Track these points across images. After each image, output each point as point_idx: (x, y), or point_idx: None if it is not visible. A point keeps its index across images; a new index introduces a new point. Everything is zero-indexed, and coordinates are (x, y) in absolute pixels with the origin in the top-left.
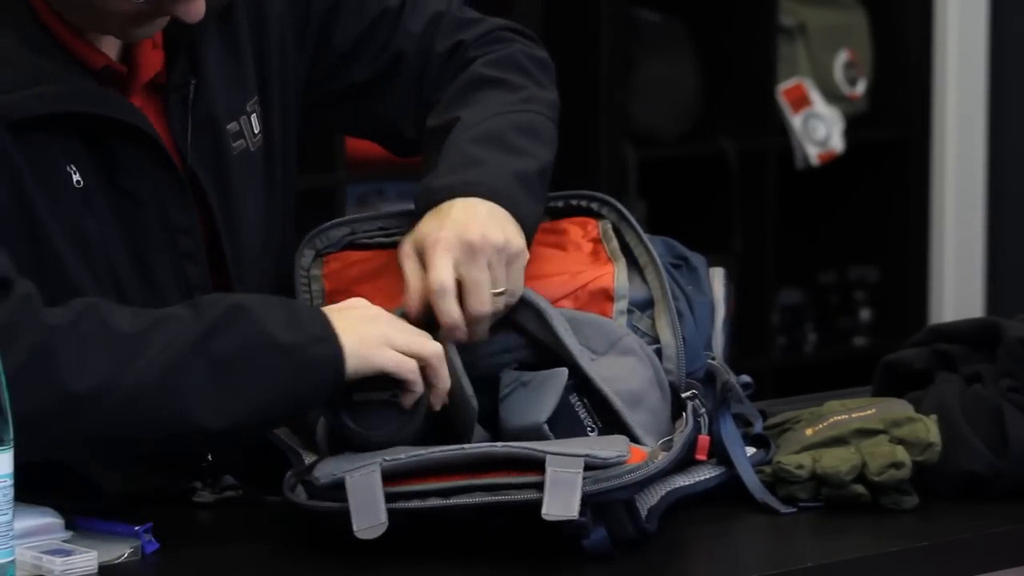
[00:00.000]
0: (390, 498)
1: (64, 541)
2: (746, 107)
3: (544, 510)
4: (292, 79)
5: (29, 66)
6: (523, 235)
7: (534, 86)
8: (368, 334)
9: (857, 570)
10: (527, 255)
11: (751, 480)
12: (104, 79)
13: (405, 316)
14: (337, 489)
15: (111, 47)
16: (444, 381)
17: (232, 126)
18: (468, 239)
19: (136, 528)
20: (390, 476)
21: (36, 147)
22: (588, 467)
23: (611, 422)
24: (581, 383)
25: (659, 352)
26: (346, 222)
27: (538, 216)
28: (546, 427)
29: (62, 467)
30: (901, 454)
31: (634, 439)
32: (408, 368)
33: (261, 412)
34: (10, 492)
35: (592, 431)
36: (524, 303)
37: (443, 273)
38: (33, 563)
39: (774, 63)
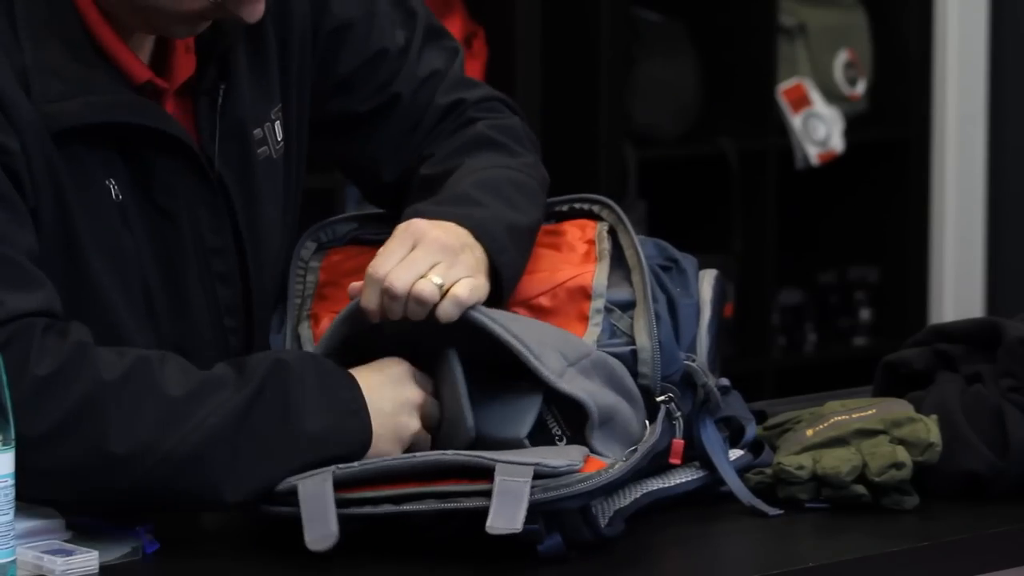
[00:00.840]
0: (344, 504)
1: (65, 541)
2: (746, 107)
3: (488, 523)
4: (306, 88)
5: (76, 77)
6: (487, 284)
7: (534, 158)
8: (397, 425)
9: (857, 570)
10: (479, 292)
11: (734, 482)
12: (146, 94)
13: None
14: (292, 495)
15: (145, 52)
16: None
17: (257, 132)
18: (436, 236)
19: (137, 528)
20: (344, 483)
21: (78, 159)
22: (539, 476)
23: (579, 429)
24: (550, 391)
25: (635, 354)
26: (353, 218)
27: (518, 270)
28: (527, 441)
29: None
30: (902, 454)
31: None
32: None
33: (276, 483)
34: (11, 492)
35: (560, 440)
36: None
37: (382, 261)
38: (34, 563)
39: (774, 63)
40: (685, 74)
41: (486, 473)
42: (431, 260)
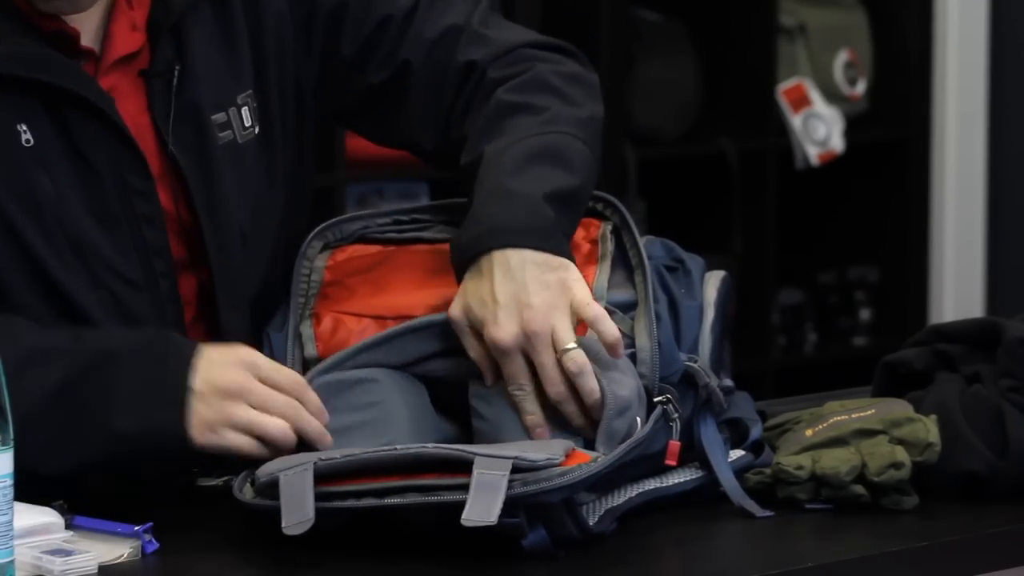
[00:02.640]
0: (326, 497)
1: (64, 541)
2: (746, 107)
3: (464, 515)
4: (293, 75)
5: None
6: (558, 259)
7: (560, 104)
8: (214, 416)
9: (857, 570)
10: (576, 274)
11: (729, 483)
12: (59, 45)
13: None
14: (273, 487)
15: (89, 27)
16: (310, 431)
17: (219, 116)
18: (525, 329)
19: (136, 528)
20: (326, 476)
21: None
22: (518, 469)
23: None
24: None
25: (635, 356)
26: (361, 216)
27: (565, 234)
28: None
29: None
30: (901, 454)
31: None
32: (249, 450)
33: (93, 468)
34: (10, 492)
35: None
36: None
37: (511, 376)
38: (33, 563)
39: (774, 63)
40: (685, 74)
41: (467, 466)
42: (548, 345)
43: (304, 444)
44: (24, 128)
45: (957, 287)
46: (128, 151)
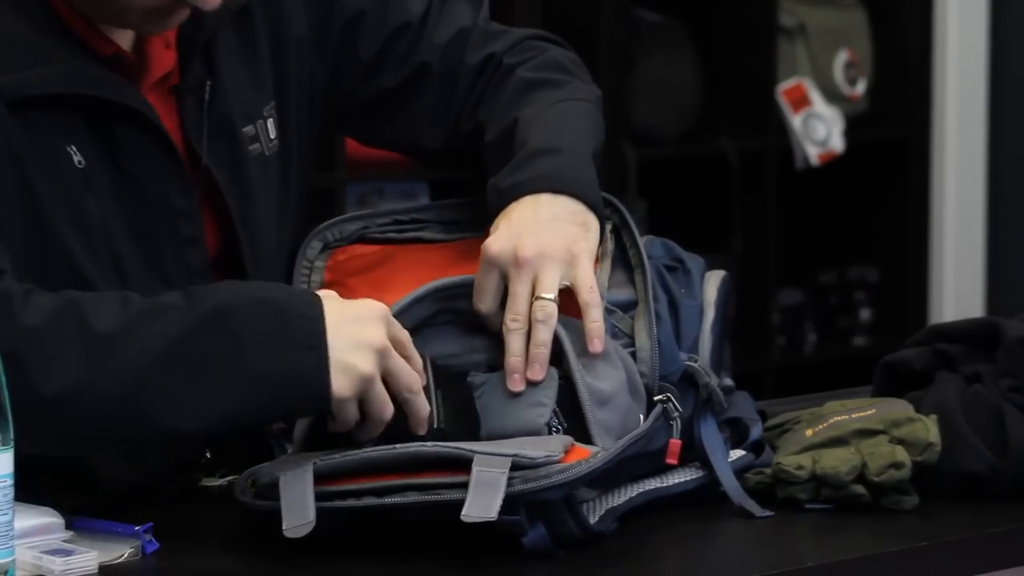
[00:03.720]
0: (327, 497)
1: (64, 541)
2: (746, 107)
3: (464, 511)
4: (309, 85)
5: (35, 47)
6: (595, 222)
7: (578, 81)
8: (357, 361)
9: (857, 570)
10: (590, 245)
11: (729, 483)
12: (113, 67)
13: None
14: (274, 488)
15: (123, 43)
16: (418, 413)
17: (248, 129)
18: (514, 254)
19: (136, 528)
20: (326, 476)
21: (37, 127)
22: (518, 467)
23: (577, 422)
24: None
25: (635, 355)
26: (361, 216)
27: (599, 192)
28: (546, 429)
29: (61, 461)
30: (901, 454)
31: (589, 439)
32: (346, 426)
33: (234, 419)
34: (10, 492)
35: (557, 431)
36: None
37: (479, 298)
38: (33, 563)
39: (774, 63)
40: (685, 74)
41: (467, 465)
42: (528, 280)
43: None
44: (74, 150)
45: (957, 287)
46: (174, 171)
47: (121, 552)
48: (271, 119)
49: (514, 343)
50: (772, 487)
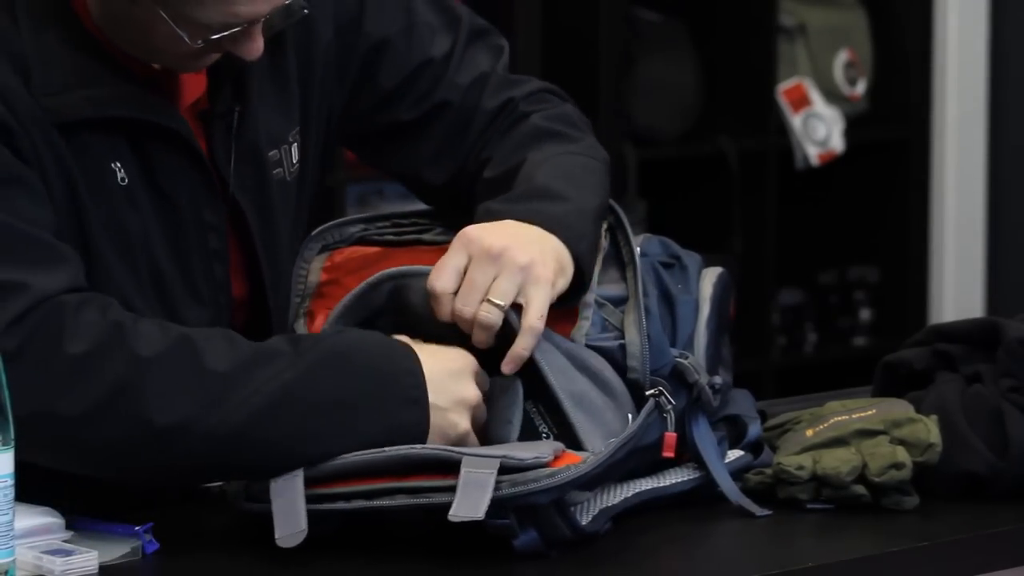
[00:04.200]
0: (317, 499)
1: (64, 541)
2: (746, 107)
3: (451, 511)
4: (328, 109)
5: (76, 68)
6: (571, 269)
7: (591, 139)
8: (452, 431)
9: (857, 570)
10: (556, 287)
11: (725, 482)
12: (149, 88)
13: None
14: (267, 492)
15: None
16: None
17: (273, 154)
18: (486, 242)
19: (136, 528)
20: (316, 479)
21: (83, 145)
22: (506, 469)
23: (566, 426)
24: (532, 387)
25: (624, 349)
26: (361, 219)
27: (595, 252)
28: (517, 442)
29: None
30: (901, 455)
31: (578, 443)
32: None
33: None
34: (10, 492)
35: (547, 436)
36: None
37: (439, 275)
38: (33, 563)
39: (774, 63)
40: (685, 74)
41: (455, 467)
42: (490, 273)
43: None
44: (118, 167)
45: (957, 287)
46: (206, 186)
47: (121, 552)
48: (295, 144)
49: (461, 326)
50: (773, 487)
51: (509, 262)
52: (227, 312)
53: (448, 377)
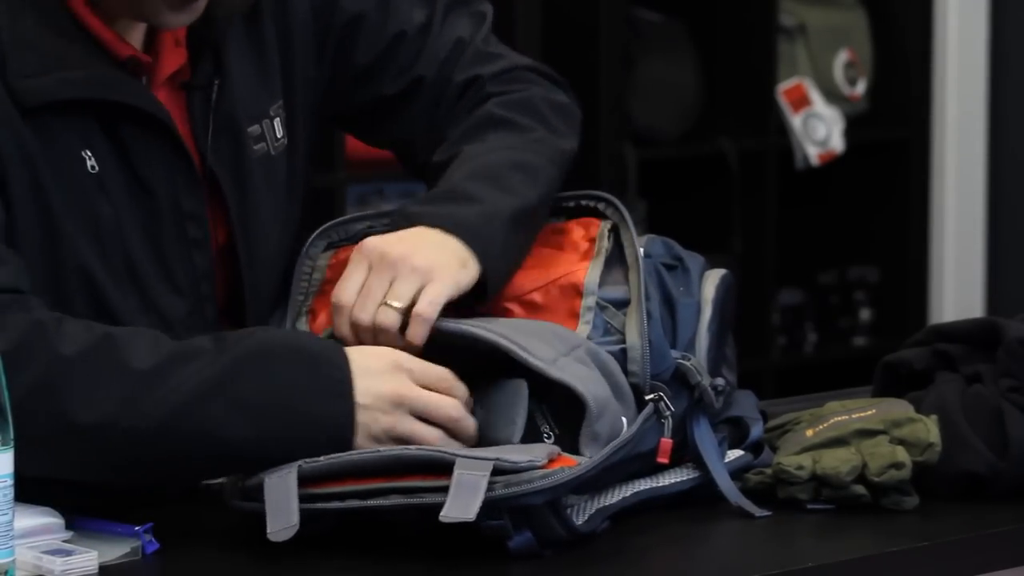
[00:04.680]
0: (311, 499)
1: (64, 541)
2: (746, 107)
3: (443, 512)
4: (313, 85)
5: (52, 51)
6: (475, 267)
7: (546, 131)
8: (378, 429)
9: (857, 570)
10: (454, 290)
11: (724, 482)
12: (128, 70)
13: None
14: (260, 490)
15: (135, 41)
16: (466, 432)
17: (254, 129)
18: (383, 250)
19: (136, 528)
20: (310, 478)
21: (51, 132)
22: (500, 471)
23: (568, 427)
24: (538, 388)
25: (625, 352)
26: (365, 216)
27: (516, 254)
28: (513, 445)
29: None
30: (901, 454)
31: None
32: (431, 439)
33: (259, 458)
34: (10, 492)
35: (549, 438)
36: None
37: (343, 287)
38: (33, 563)
39: (774, 63)
40: (685, 74)
41: (449, 468)
42: (386, 280)
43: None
44: (89, 154)
45: (957, 287)
46: (185, 173)
47: (121, 552)
48: (278, 118)
49: (362, 335)
50: (772, 487)
51: (405, 266)
52: (211, 301)
53: (373, 374)
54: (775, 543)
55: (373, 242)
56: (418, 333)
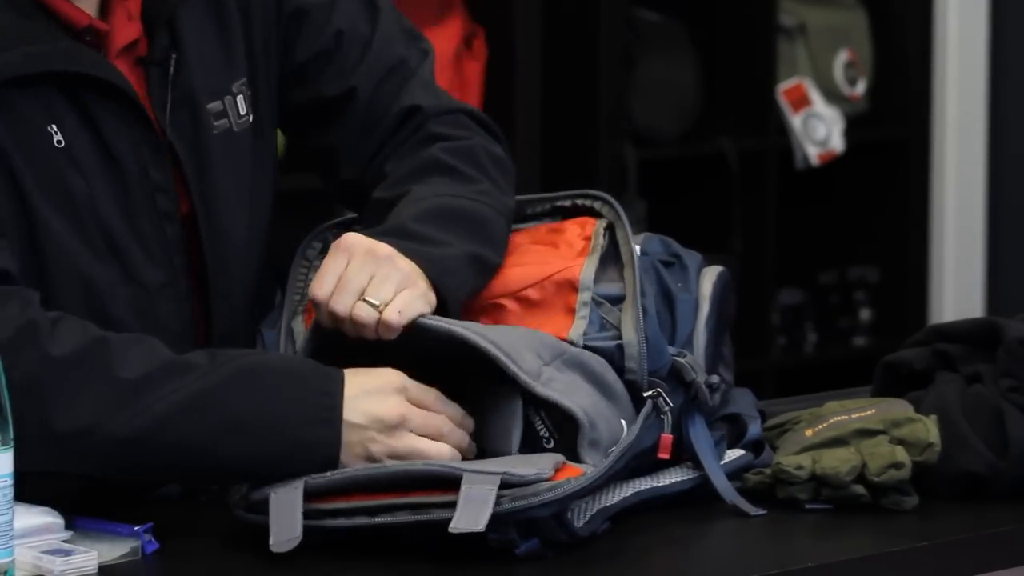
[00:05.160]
0: (318, 515)
1: (64, 541)
2: (746, 107)
3: (452, 523)
4: (274, 63)
5: (11, 27)
6: (428, 290)
7: (490, 184)
8: (378, 449)
9: (857, 570)
10: (414, 306)
11: (720, 482)
12: (87, 40)
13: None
14: (265, 503)
15: (88, 10)
16: (464, 449)
17: (215, 105)
18: (369, 246)
19: (136, 528)
20: (317, 494)
21: (13, 108)
22: (507, 485)
23: (568, 431)
24: (533, 395)
25: (621, 348)
26: (360, 219)
27: (463, 296)
28: (518, 455)
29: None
30: (901, 454)
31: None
32: (437, 455)
33: (242, 475)
34: (10, 492)
35: (549, 444)
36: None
37: (319, 281)
38: (33, 563)
39: (774, 63)
40: (685, 74)
41: (456, 483)
42: (366, 275)
43: None
44: (55, 129)
45: (957, 287)
46: (151, 144)
47: (121, 552)
48: (241, 95)
49: (342, 326)
50: (772, 487)
51: (390, 265)
52: (184, 273)
53: (367, 395)
54: (774, 543)
55: (358, 237)
56: (388, 335)
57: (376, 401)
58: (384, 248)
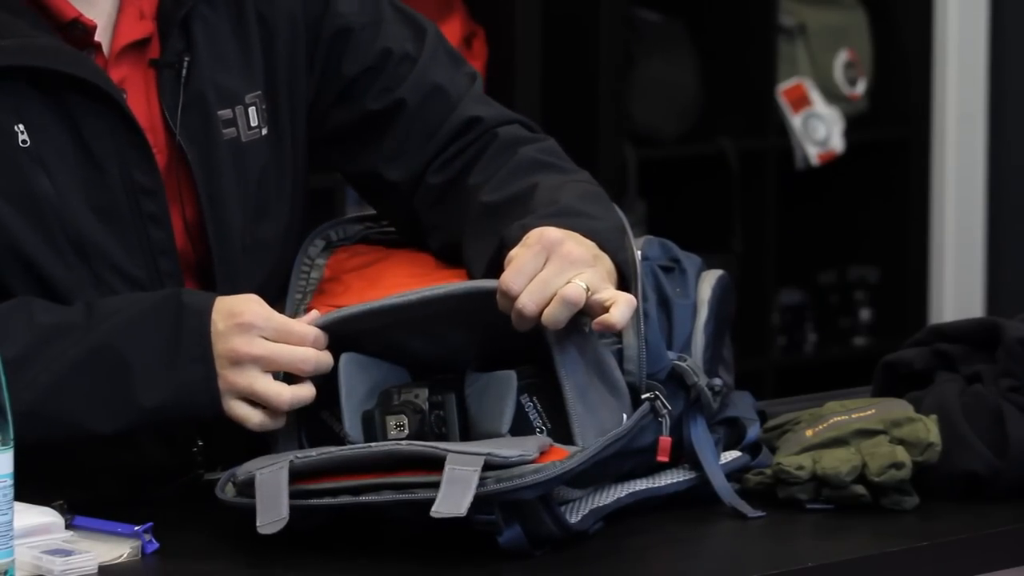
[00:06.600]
0: (303, 495)
1: (64, 541)
2: (746, 107)
3: (434, 507)
4: (301, 91)
5: None
6: (613, 274)
7: (584, 172)
8: (225, 386)
9: (857, 570)
10: (631, 310)
11: (720, 483)
12: (75, 39)
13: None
14: (251, 486)
15: (97, 8)
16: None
17: (224, 113)
18: (557, 240)
19: (136, 528)
20: (303, 474)
21: None
22: (491, 466)
23: (562, 421)
24: (530, 384)
25: (621, 352)
26: (365, 217)
27: (634, 265)
28: (509, 436)
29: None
30: (901, 454)
31: (572, 438)
32: (255, 423)
33: (139, 428)
34: (10, 492)
35: (541, 431)
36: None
37: (518, 279)
38: (33, 563)
39: (774, 63)
40: (685, 74)
41: (440, 463)
42: (566, 276)
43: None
44: (21, 128)
45: (957, 287)
46: (137, 147)
47: (121, 552)
48: (254, 107)
49: (521, 325)
50: (772, 487)
51: (585, 264)
52: (173, 277)
53: (219, 334)
54: (775, 543)
55: (557, 235)
56: (623, 316)
57: (224, 339)
58: (588, 252)
